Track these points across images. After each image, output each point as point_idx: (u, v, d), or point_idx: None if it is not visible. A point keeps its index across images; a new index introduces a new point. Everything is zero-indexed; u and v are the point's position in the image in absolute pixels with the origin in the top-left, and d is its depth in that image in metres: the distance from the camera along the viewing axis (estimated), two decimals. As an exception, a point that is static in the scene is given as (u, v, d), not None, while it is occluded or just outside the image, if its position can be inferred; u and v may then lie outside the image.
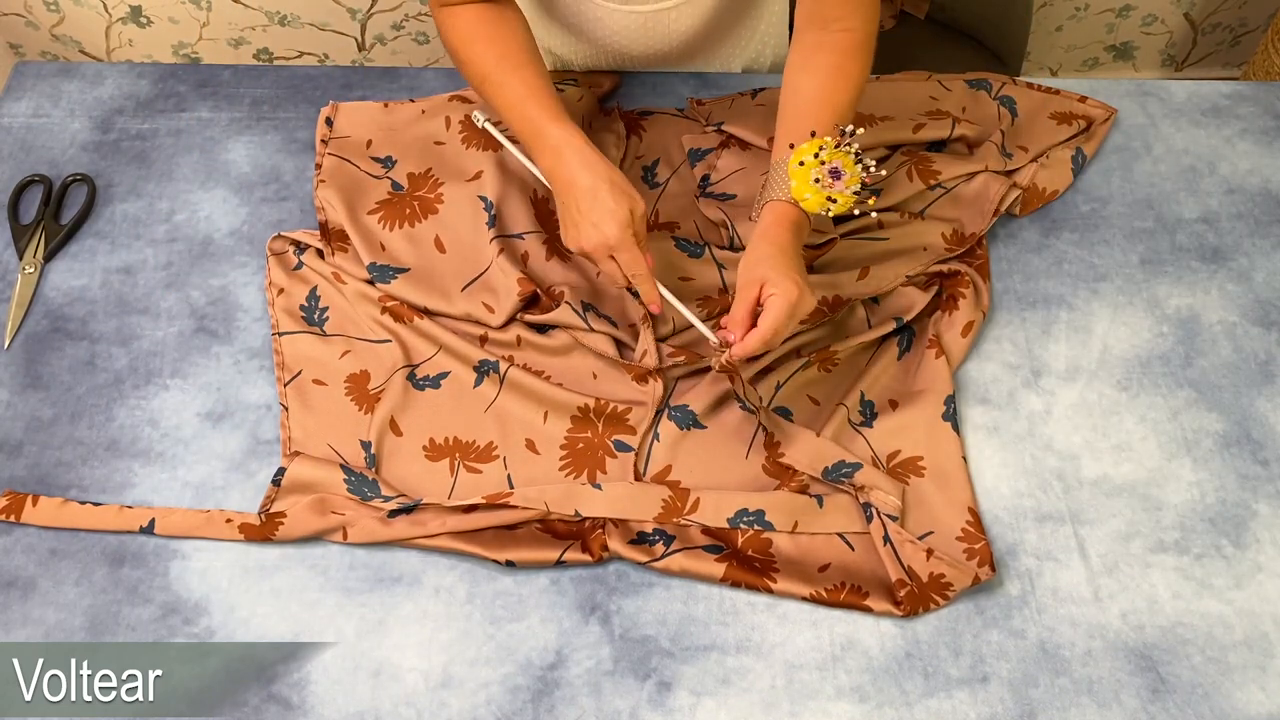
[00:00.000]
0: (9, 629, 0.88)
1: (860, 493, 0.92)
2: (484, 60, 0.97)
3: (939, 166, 1.09)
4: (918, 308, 1.02)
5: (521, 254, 1.04)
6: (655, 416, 0.97)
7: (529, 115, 0.94)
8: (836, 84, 0.96)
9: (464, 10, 0.99)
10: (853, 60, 0.97)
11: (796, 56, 0.99)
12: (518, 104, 0.95)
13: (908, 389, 0.99)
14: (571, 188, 0.91)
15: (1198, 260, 1.08)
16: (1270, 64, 1.86)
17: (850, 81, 0.96)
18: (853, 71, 0.96)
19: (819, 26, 0.97)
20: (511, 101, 0.95)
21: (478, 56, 0.97)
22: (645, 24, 1.12)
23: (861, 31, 0.97)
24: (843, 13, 0.96)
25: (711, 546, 0.91)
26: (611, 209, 0.89)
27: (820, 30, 0.97)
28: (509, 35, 0.99)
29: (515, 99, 0.95)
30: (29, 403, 0.99)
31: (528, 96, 0.94)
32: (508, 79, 0.95)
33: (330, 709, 0.85)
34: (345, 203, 1.07)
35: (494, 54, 0.97)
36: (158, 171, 1.13)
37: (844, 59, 0.96)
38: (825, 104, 0.95)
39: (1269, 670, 0.87)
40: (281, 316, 1.03)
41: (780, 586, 0.88)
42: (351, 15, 1.99)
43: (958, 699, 0.85)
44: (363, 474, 0.94)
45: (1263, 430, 0.98)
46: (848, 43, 0.97)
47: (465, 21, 0.99)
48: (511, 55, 0.97)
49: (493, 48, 0.98)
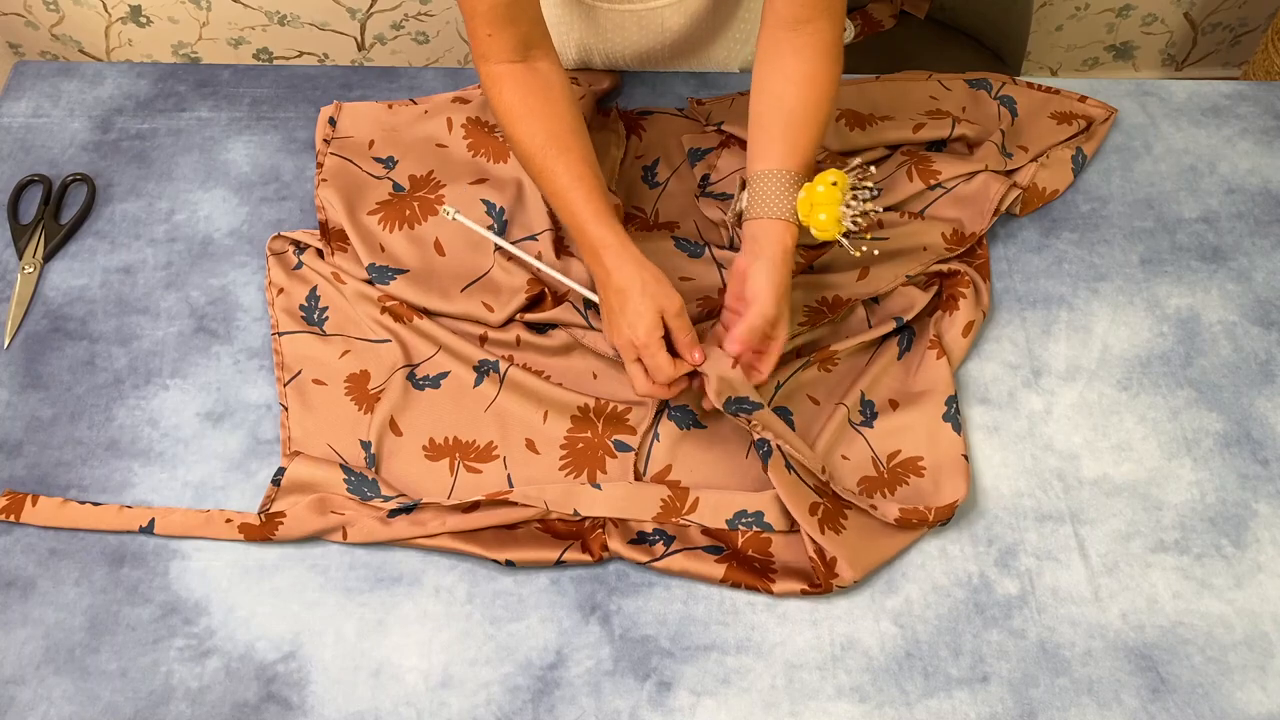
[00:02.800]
0: (9, 629, 0.88)
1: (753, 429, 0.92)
2: (531, 140, 0.95)
3: (939, 166, 1.09)
4: (918, 308, 1.02)
5: (536, 254, 1.04)
6: (655, 416, 0.97)
7: (572, 210, 0.93)
8: (819, 95, 0.96)
9: (508, 75, 0.97)
10: (826, 67, 0.96)
11: (769, 60, 0.98)
12: (562, 193, 0.94)
13: (908, 389, 0.99)
14: (606, 289, 0.92)
15: (1198, 260, 1.08)
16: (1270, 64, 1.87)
17: (829, 90, 0.97)
18: (829, 79, 0.97)
19: (788, 27, 0.96)
20: (555, 190, 0.95)
21: (525, 136, 0.96)
22: (640, 22, 1.12)
23: (830, 33, 0.96)
24: (811, 14, 0.95)
25: (711, 547, 0.91)
26: (640, 312, 0.89)
27: (790, 31, 0.96)
28: (556, 111, 0.97)
29: (560, 188, 0.94)
30: (29, 402, 0.99)
31: (571, 187, 0.93)
32: (553, 164, 0.94)
33: (330, 709, 0.85)
34: (345, 203, 1.07)
35: (542, 134, 0.95)
36: (157, 171, 1.13)
37: (817, 66, 0.96)
38: (810, 119, 0.95)
39: (1269, 670, 0.87)
40: (281, 316, 1.03)
41: (780, 588, 0.88)
42: (351, 15, 1.99)
43: (958, 699, 0.85)
44: (362, 474, 0.94)
45: (1263, 430, 0.98)
46: (819, 45, 0.96)
47: (510, 91, 0.97)
48: (559, 137, 0.95)
49: (541, 125, 0.96)
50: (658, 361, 0.89)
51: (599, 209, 0.93)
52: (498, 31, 0.95)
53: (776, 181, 0.93)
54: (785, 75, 0.97)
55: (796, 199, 0.92)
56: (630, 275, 0.90)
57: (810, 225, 0.92)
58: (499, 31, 0.95)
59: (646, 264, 0.91)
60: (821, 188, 0.91)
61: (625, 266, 0.91)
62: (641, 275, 0.90)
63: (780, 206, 0.92)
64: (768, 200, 0.93)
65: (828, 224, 0.91)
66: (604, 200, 0.94)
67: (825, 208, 0.91)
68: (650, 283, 0.90)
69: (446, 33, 2.04)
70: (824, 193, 0.91)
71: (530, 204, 1.07)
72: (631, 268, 0.91)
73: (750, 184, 0.95)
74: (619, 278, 0.91)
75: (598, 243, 0.92)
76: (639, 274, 0.90)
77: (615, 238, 0.92)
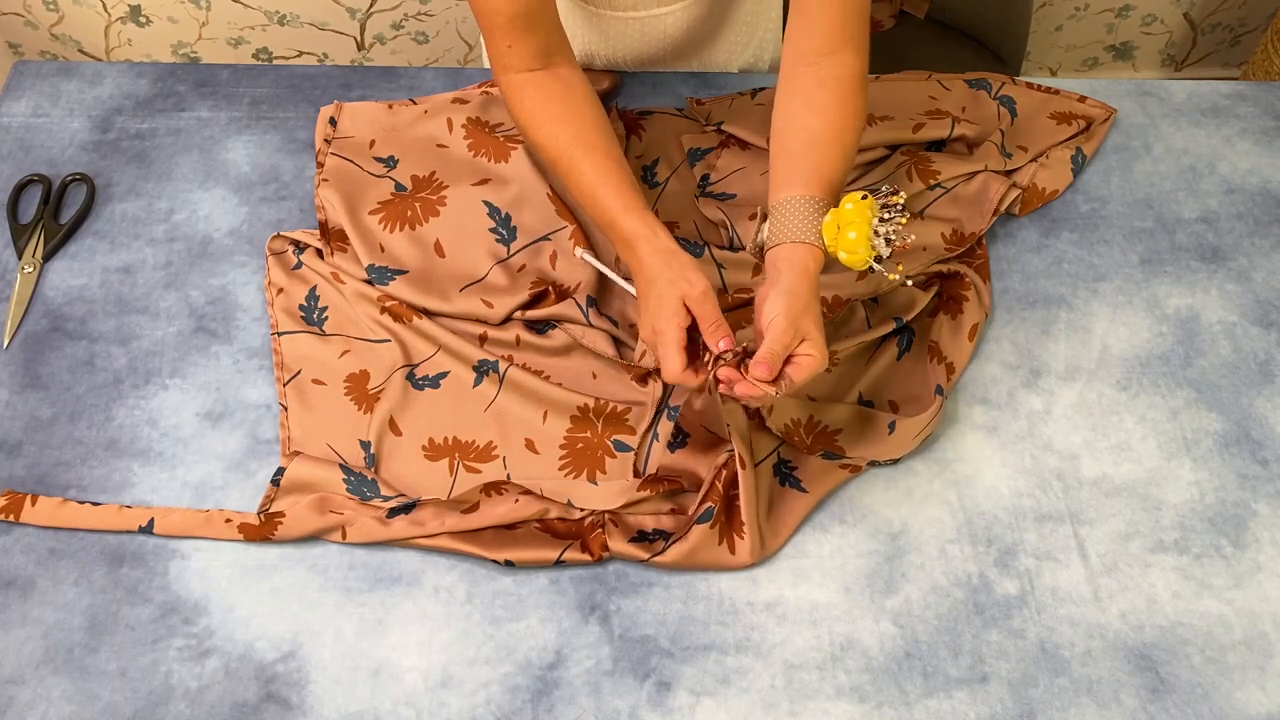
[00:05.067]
0: (8, 629, 0.88)
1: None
2: (555, 143, 0.95)
3: (939, 166, 1.09)
4: (917, 308, 1.02)
5: (550, 255, 1.04)
6: (655, 416, 0.97)
7: (603, 205, 0.92)
8: (844, 123, 0.91)
9: (529, 82, 0.96)
10: (852, 97, 0.92)
11: (790, 93, 0.94)
12: (590, 191, 0.93)
13: (908, 390, 0.99)
14: (639, 278, 0.91)
15: (1197, 260, 1.08)
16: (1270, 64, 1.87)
17: (855, 120, 0.92)
18: (855, 108, 0.92)
19: (811, 62, 0.92)
20: (584, 188, 0.93)
21: (548, 139, 0.95)
22: (642, 28, 1.12)
23: (855, 64, 0.92)
24: (836, 44, 0.92)
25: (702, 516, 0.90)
26: (662, 298, 0.87)
27: (813, 66, 0.92)
28: (578, 112, 0.96)
29: (588, 186, 0.93)
30: (28, 402, 0.99)
31: (599, 184, 0.92)
32: (579, 164, 0.93)
33: (330, 709, 0.85)
34: (346, 203, 1.07)
35: (566, 135, 0.95)
36: (157, 171, 1.13)
37: (842, 96, 0.92)
38: (835, 145, 0.90)
39: (1268, 670, 0.87)
40: (281, 316, 1.03)
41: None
42: (351, 15, 1.99)
43: (957, 699, 0.85)
44: (362, 474, 0.94)
45: (1262, 430, 0.98)
46: (844, 77, 0.92)
47: (531, 98, 0.96)
48: (583, 136, 0.94)
49: (564, 127, 0.95)
50: (667, 354, 0.86)
51: (629, 202, 0.91)
52: (518, 41, 0.94)
53: (798, 207, 0.87)
54: (808, 104, 0.92)
55: (820, 223, 0.87)
56: (659, 264, 0.88)
57: (840, 250, 0.86)
58: (519, 41, 0.94)
59: (678, 252, 0.89)
60: (850, 205, 0.85)
61: (655, 256, 0.89)
62: (669, 262, 0.88)
63: (801, 230, 0.87)
64: (789, 226, 0.87)
65: (858, 243, 0.84)
66: (634, 193, 0.92)
67: (855, 225, 0.84)
68: (675, 268, 0.88)
69: (446, 33, 2.04)
70: (852, 210, 0.84)
71: (535, 205, 1.07)
72: (661, 256, 0.89)
73: (771, 213, 0.89)
74: (649, 266, 0.89)
75: (630, 234, 0.90)
76: (668, 261, 0.88)
77: (647, 228, 0.90)
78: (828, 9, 0.91)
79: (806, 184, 0.88)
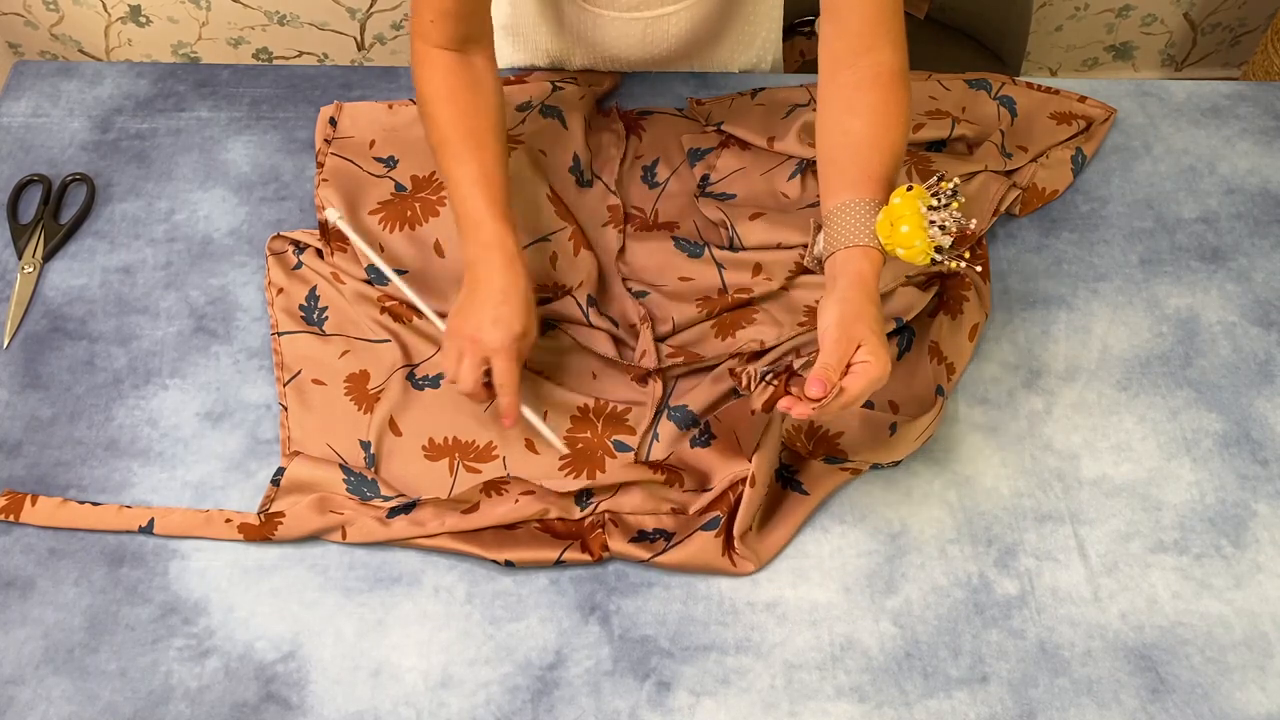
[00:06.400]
0: (8, 629, 0.88)
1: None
2: (449, 126, 0.95)
3: (939, 166, 1.09)
4: (918, 308, 1.02)
5: (550, 255, 1.04)
6: (655, 416, 0.97)
7: (476, 203, 0.93)
8: (888, 121, 0.88)
9: (441, 59, 0.97)
10: (894, 95, 0.89)
11: (830, 101, 0.91)
12: (466, 184, 0.93)
13: (908, 390, 0.99)
14: (487, 284, 0.91)
15: (1197, 260, 1.08)
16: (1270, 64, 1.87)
17: (899, 117, 0.89)
18: (898, 106, 0.89)
19: (848, 65, 0.90)
20: (461, 180, 0.94)
21: (444, 120, 0.95)
22: (644, 30, 1.12)
23: (894, 61, 0.89)
24: (872, 42, 0.89)
25: (708, 523, 0.90)
26: (511, 319, 0.90)
27: (850, 69, 0.90)
28: (480, 106, 0.97)
29: (466, 179, 0.93)
30: (28, 402, 0.99)
31: (479, 181, 0.93)
32: (466, 156, 0.94)
33: (330, 709, 0.85)
34: (346, 203, 1.07)
35: (462, 126, 0.95)
36: (157, 171, 1.13)
37: (884, 95, 0.89)
38: (881, 144, 0.88)
39: (1268, 670, 0.87)
40: (281, 316, 1.03)
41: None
42: (351, 15, 1.99)
43: (957, 699, 0.85)
44: (362, 474, 0.94)
45: (1262, 430, 0.98)
46: (882, 75, 0.89)
47: (439, 74, 0.96)
48: (477, 132, 0.95)
49: (462, 118, 0.95)
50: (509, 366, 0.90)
51: (503, 209, 0.93)
52: (440, 21, 0.95)
53: (848, 211, 0.85)
54: (850, 108, 0.89)
55: (874, 224, 0.84)
56: (517, 285, 0.91)
57: (896, 246, 0.82)
58: (441, 21, 0.95)
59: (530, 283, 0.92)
60: (897, 199, 0.82)
61: (516, 275, 0.91)
62: (526, 290, 0.91)
63: (854, 234, 0.84)
64: (841, 232, 0.84)
65: (913, 235, 0.81)
66: (508, 198, 0.94)
67: (906, 219, 0.81)
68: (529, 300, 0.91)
69: (446, 32, 2.04)
70: (900, 204, 0.81)
71: (535, 205, 1.07)
72: (521, 280, 0.91)
73: (825, 223, 0.87)
74: (504, 280, 0.91)
75: (494, 241, 0.92)
76: (524, 288, 0.91)
77: (514, 242, 0.92)
78: (859, 8, 0.89)
79: (854, 187, 0.86)
